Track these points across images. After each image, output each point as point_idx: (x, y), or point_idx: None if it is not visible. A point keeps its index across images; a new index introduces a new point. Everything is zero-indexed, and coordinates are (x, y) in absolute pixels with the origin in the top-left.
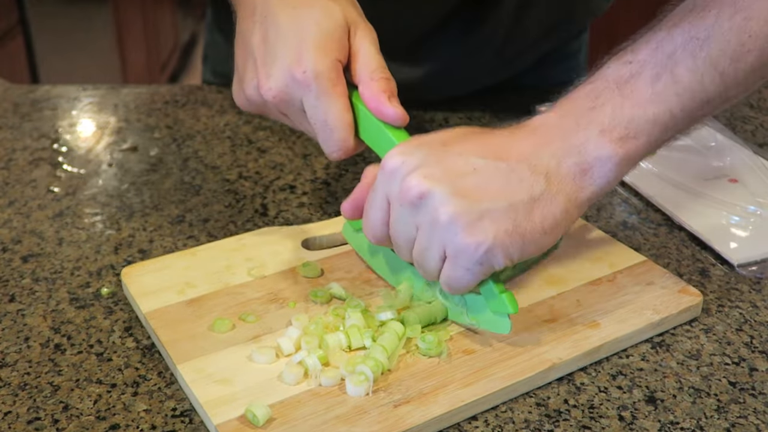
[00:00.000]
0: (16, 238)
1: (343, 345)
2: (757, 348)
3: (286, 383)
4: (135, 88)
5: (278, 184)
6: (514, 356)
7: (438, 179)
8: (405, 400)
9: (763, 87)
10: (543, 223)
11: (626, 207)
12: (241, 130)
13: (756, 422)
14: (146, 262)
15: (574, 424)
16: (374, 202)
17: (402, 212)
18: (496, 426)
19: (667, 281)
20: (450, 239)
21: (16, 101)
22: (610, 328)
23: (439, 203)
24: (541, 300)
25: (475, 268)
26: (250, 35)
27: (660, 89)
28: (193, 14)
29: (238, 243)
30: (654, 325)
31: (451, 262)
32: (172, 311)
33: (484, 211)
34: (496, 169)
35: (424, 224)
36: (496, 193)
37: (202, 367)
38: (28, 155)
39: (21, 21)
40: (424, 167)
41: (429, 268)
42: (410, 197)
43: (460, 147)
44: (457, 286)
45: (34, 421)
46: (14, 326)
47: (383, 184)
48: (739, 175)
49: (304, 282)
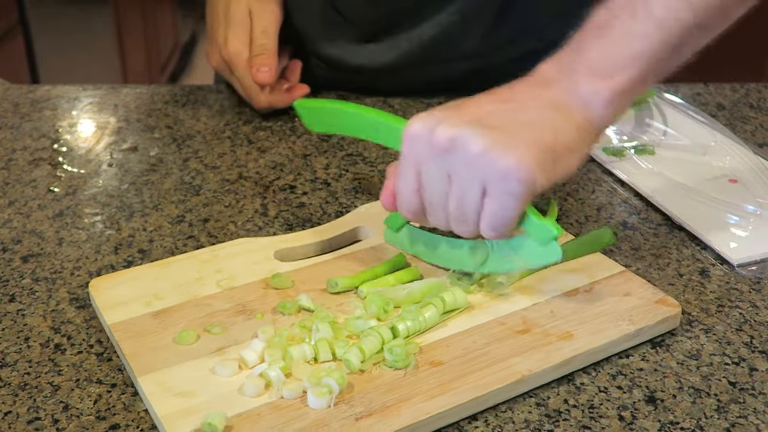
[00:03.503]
0: (16, 238)
1: (308, 357)
2: (757, 348)
3: (246, 396)
4: (135, 88)
5: (278, 184)
6: (483, 368)
7: (463, 124)
8: (367, 413)
9: (763, 87)
10: (567, 143)
11: (626, 207)
12: (241, 130)
13: (756, 422)
14: (116, 273)
15: (574, 424)
16: (403, 173)
17: (432, 167)
18: (496, 426)
19: (645, 292)
20: (488, 169)
21: (16, 101)
22: (584, 339)
23: (470, 139)
24: (514, 311)
25: (519, 190)
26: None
27: (638, 26)
28: (193, 14)
29: (211, 254)
30: (629, 336)
31: (494, 193)
32: (137, 323)
33: (513, 135)
34: (512, 108)
35: (457, 167)
36: (520, 122)
37: (164, 379)
38: (28, 155)
39: (21, 21)
40: (446, 120)
41: (469, 214)
42: (441, 145)
43: (470, 103)
44: (502, 221)
45: (34, 421)
46: (14, 326)
47: (409, 151)
48: (739, 175)
49: (273, 294)
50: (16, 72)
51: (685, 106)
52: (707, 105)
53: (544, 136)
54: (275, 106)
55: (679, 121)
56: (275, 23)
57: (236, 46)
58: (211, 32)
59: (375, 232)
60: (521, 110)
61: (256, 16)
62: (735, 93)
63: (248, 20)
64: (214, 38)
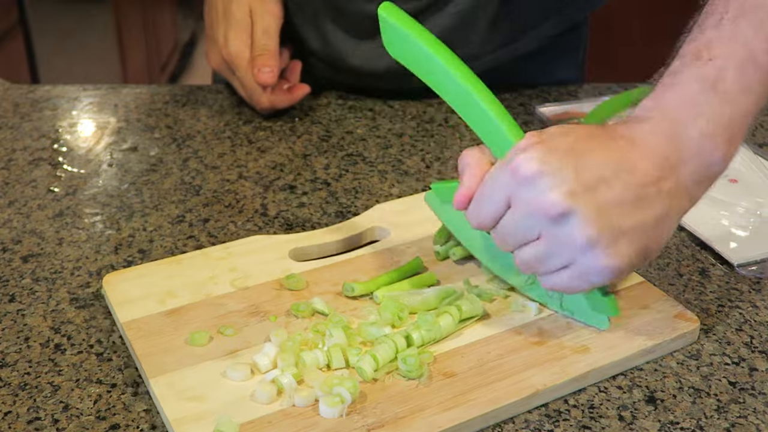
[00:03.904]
0: (16, 238)
1: (321, 364)
2: (757, 348)
3: (258, 402)
4: (135, 88)
5: (278, 184)
6: (497, 380)
7: (578, 198)
8: (379, 424)
9: None
10: (662, 241)
11: None
12: (241, 130)
13: (756, 422)
14: (129, 269)
15: (574, 424)
16: (492, 197)
17: (529, 221)
18: (496, 426)
19: (663, 305)
20: (586, 260)
21: (16, 101)
22: (600, 354)
23: (581, 226)
24: (531, 320)
25: (600, 283)
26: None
27: (747, 81)
28: (193, 14)
29: (224, 252)
30: (646, 351)
31: (576, 276)
32: (150, 322)
33: (620, 234)
34: (627, 185)
35: (554, 237)
36: (630, 211)
37: (175, 382)
38: (28, 155)
39: (21, 21)
40: (564, 184)
41: (539, 270)
42: (551, 214)
43: (590, 157)
44: (566, 291)
45: (34, 421)
46: (14, 326)
47: (510, 186)
48: (739, 175)
49: (287, 295)
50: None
51: None
52: None
53: (648, 242)
54: (277, 106)
55: None
56: (276, 23)
57: (237, 46)
58: (211, 32)
59: (391, 233)
60: (637, 194)
61: (257, 15)
62: None
63: (249, 20)
64: (213, 38)
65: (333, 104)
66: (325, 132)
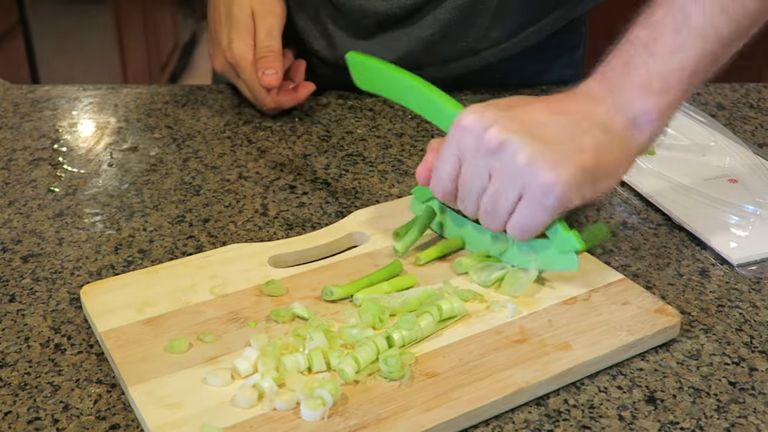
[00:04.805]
0: (16, 238)
1: (302, 367)
2: (757, 348)
3: (239, 407)
4: (135, 88)
5: (278, 184)
6: (479, 379)
7: (515, 130)
8: (361, 425)
9: (763, 87)
10: (607, 166)
11: (626, 207)
12: (241, 130)
13: (756, 422)
14: (107, 279)
15: (574, 424)
16: (445, 157)
17: (476, 162)
18: (496, 426)
19: (643, 301)
20: (530, 179)
21: (16, 101)
22: (582, 350)
23: (519, 147)
24: (512, 320)
25: (553, 205)
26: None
27: (681, 40)
28: (193, 14)
29: (203, 260)
30: (627, 346)
31: (529, 201)
32: (129, 331)
33: (559, 152)
34: (563, 123)
35: (500, 169)
36: (568, 138)
37: (154, 389)
38: (28, 155)
39: (21, 21)
40: (500, 121)
41: (500, 213)
42: (490, 145)
43: (525, 108)
44: (530, 227)
45: (34, 421)
46: (14, 326)
47: (457, 139)
48: (739, 175)
49: (267, 301)
50: (16, 72)
51: (685, 106)
52: (707, 105)
53: (589, 157)
54: (282, 106)
55: (678, 121)
56: (279, 23)
57: (241, 48)
58: (214, 34)
59: (370, 238)
60: (572, 127)
61: (259, 17)
62: (735, 93)
63: (251, 22)
64: (217, 40)
65: (333, 104)
66: (325, 132)
